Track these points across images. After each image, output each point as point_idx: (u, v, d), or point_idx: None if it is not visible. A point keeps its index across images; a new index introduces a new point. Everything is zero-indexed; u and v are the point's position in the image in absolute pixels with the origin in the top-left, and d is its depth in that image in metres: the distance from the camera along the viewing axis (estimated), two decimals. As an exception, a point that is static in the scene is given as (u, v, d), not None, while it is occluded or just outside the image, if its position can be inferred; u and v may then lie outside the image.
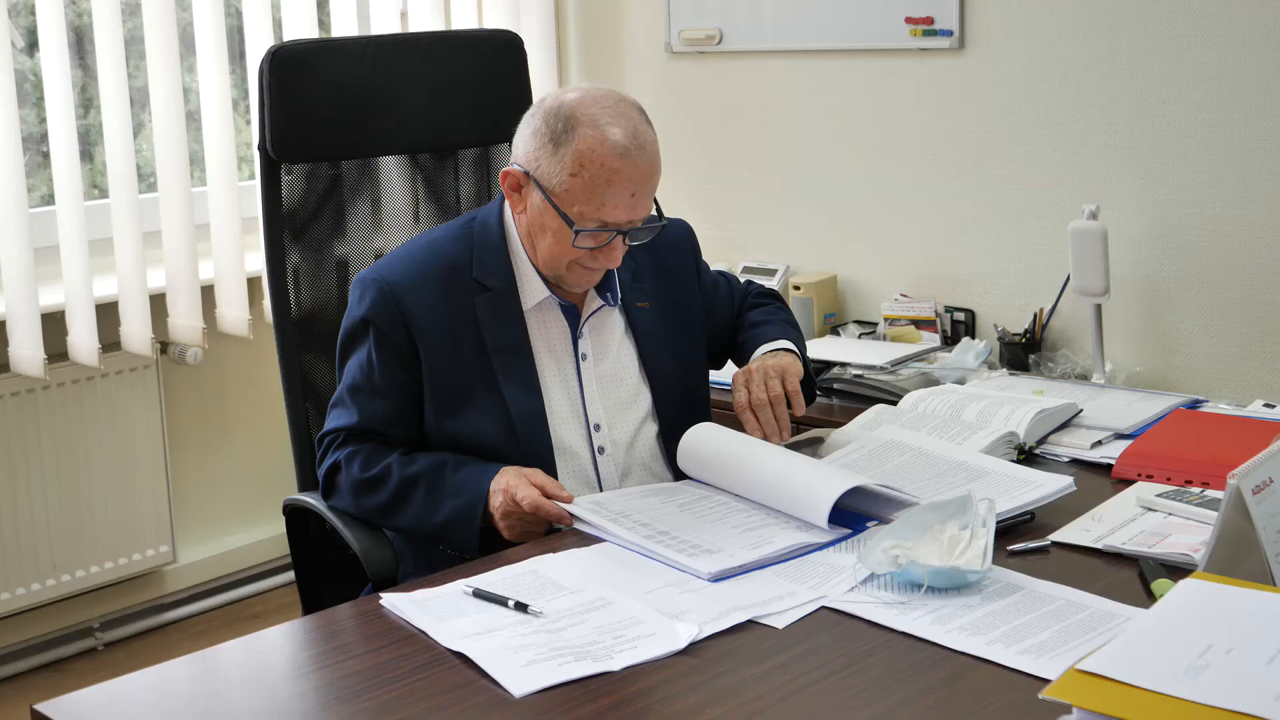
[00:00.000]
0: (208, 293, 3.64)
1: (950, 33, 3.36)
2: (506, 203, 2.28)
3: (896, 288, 3.56)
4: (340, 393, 2.28)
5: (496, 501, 2.09)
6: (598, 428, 2.27)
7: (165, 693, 1.66)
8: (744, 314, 2.53)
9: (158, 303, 3.56)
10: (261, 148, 2.52)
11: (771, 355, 2.36)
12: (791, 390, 2.28)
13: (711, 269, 2.55)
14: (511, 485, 2.09)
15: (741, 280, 2.61)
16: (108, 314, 3.49)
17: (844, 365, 3.14)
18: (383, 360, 2.21)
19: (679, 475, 2.28)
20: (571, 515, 2.07)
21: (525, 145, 2.19)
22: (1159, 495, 2.09)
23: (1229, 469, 1.62)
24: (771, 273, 3.69)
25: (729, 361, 2.54)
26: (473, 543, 2.12)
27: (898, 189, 3.55)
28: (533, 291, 2.25)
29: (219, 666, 1.77)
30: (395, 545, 2.25)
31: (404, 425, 2.23)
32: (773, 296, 2.59)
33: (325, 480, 2.28)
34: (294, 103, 2.52)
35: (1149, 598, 1.76)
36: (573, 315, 2.29)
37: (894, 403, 2.65)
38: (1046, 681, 1.35)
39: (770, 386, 2.27)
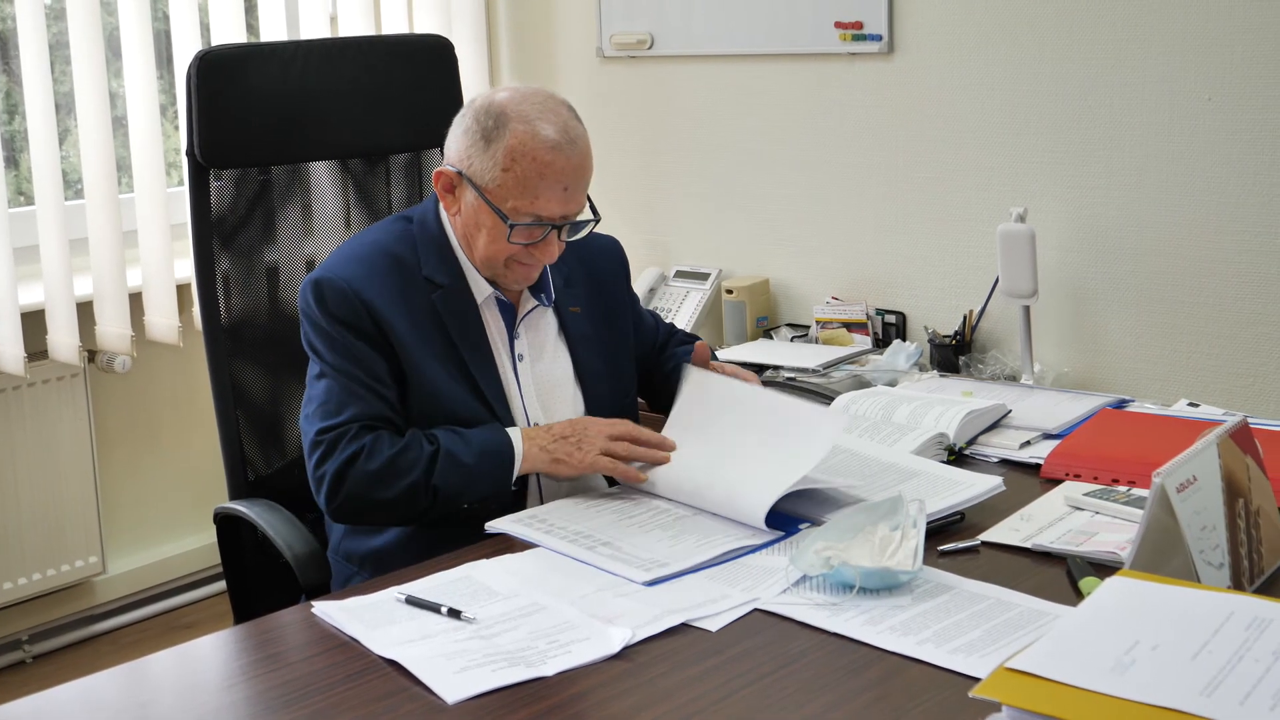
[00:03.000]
0: (136, 300, 3.60)
1: (879, 37, 3.39)
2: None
3: (828, 291, 3.58)
4: (329, 388, 2.17)
5: (600, 428, 2.19)
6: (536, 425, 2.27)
7: (95, 704, 1.64)
8: (671, 347, 2.56)
9: (85, 310, 3.52)
10: (189, 153, 2.50)
11: None
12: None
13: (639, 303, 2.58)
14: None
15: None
16: (34, 322, 3.45)
17: (777, 368, 3.15)
18: (366, 352, 2.17)
19: (612, 479, 2.28)
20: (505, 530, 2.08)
21: (456, 144, 2.20)
22: (1086, 494, 2.11)
23: (1154, 468, 1.63)
24: (704, 277, 3.70)
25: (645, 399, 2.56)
26: (508, 466, 2.15)
27: (829, 193, 3.57)
28: (480, 288, 2.26)
29: (149, 677, 1.75)
30: (337, 558, 2.24)
31: (402, 412, 2.20)
32: (696, 339, 2.61)
33: (337, 472, 2.13)
34: (222, 108, 2.50)
35: (1077, 596, 1.78)
36: (509, 314, 2.29)
37: (826, 405, 2.67)
38: (977, 680, 1.36)
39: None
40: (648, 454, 2.19)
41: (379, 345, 2.19)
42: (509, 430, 2.18)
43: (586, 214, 2.26)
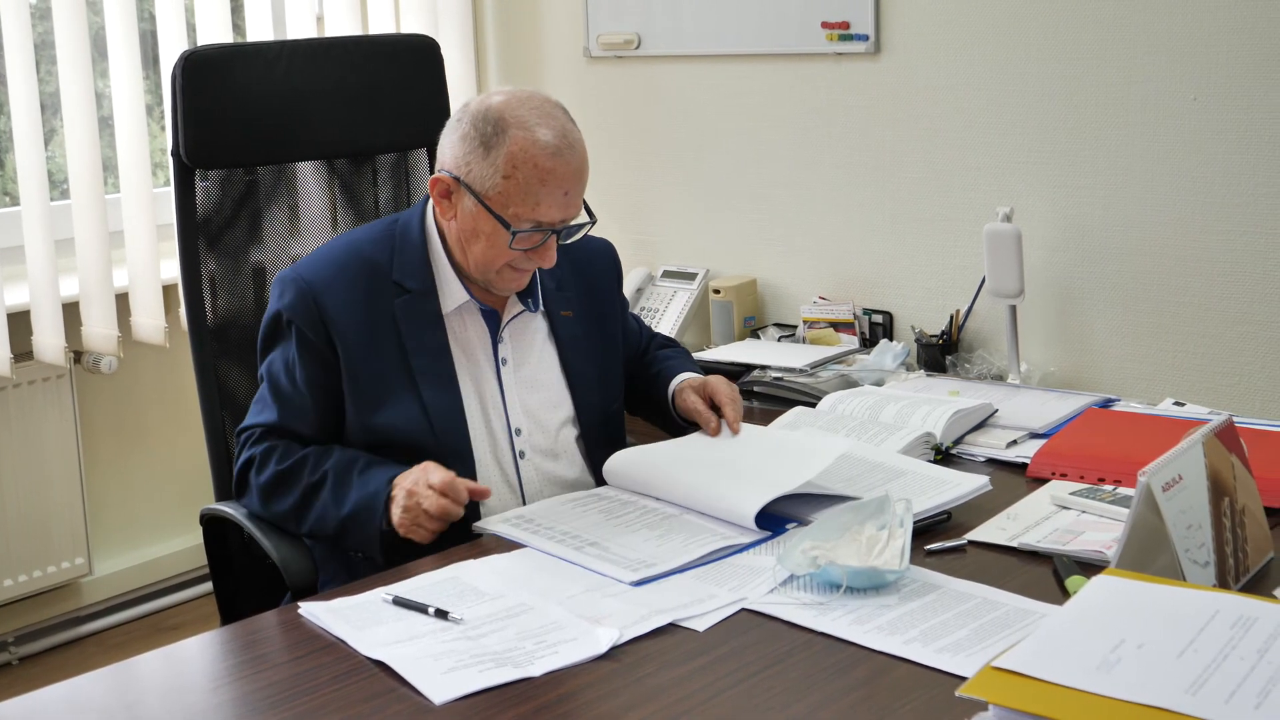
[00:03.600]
0: (122, 301, 3.60)
1: (866, 37, 3.39)
2: (429, 206, 2.28)
3: (815, 291, 3.58)
4: (261, 390, 2.26)
5: (407, 482, 2.06)
6: (519, 432, 2.27)
7: (81, 706, 1.64)
8: (652, 351, 2.56)
9: (71, 311, 3.51)
10: (175, 154, 2.49)
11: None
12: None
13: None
14: (428, 467, 2.07)
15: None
16: (20, 323, 3.44)
17: (764, 368, 3.15)
18: (301, 358, 2.20)
19: (600, 480, 2.28)
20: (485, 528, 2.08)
21: (454, 150, 2.19)
22: (1072, 493, 2.12)
23: (1140, 467, 1.64)
24: (691, 276, 3.70)
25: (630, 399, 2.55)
26: (374, 538, 2.09)
27: (816, 192, 3.57)
28: (452, 295, 2.25)
29: (136, 678, 1.75)
30: (316, 554, 2.24)
31: (321, 423, 2.22)
32: (675, 343, 2.64)
33: (238, 477, 2.26)
34: (208, 108, 2.49)
35: (1063, 595, 1.78)
36: (493, 320, 2.29)
37: (813, 405, 2.67)
38: (963, 679, 1.36)
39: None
40: (429, 525, 2.04)
41: (321, 357, 2.20)
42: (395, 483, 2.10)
43: (582, 216, 2.26)
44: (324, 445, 2.21)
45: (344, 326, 2.20)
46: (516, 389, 2.29)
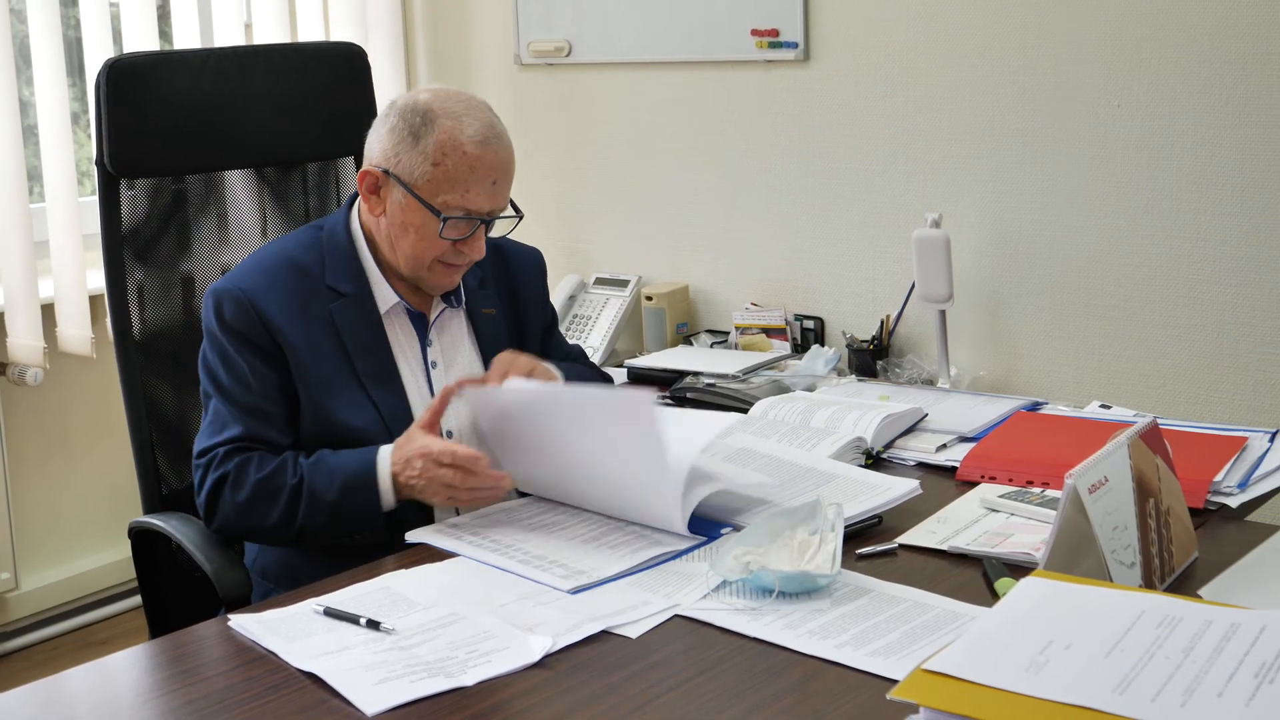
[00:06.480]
0: (48, 311, 3.55)
1: (795, 45, 3.41)
2: (353, 210, 2.29)
3: (747, 297, 3.59)
4: (215, 408, 2.20)
5: (436, 447, 2.07)
6: (450, 435, 2.26)
7: (6, 723, 1.62)
8: (555, 358, 2.53)
9: (-5, 322, 3.47)
10: (99, 163, 2.46)
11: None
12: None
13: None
14: (431, 451, 2.07)
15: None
16: (-58, 335, 3.40)
17: (696, 374, 3.15)
18: (252, 367, 2.17)
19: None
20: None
21: (382, 144, 2.21)
22: (1001, 496, 2.14)
23: (1067, 469, 1.66)
24: (624, 283, 3.71)
25: None
26: (375, 507, 2.10)
27: (747, 199, 3.58)
28: (384, 298, 2.26)
29: (63, 694, 1.72)
30: (254, 568, 2.22)
31: (287, 430, 2.19)
32: (593, 366, 2.58)
33: (208, 497, 2.16)
34: (133, 116, 2.46)
35: (992, 597, 1.80)
36: (420, 323, 2.29)
37: (745, 410, 2.68)
38: (895, 682, 1.37)
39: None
40: (490, 496, 2.12)
41: (272, 359, 2.18)
42: (380, 454, 2.13)
43: (509, 213, 2.27)
44: (294, 452, 2.18)
45: (287, 330, 2.18)
46: (446, 392, 2.29)
